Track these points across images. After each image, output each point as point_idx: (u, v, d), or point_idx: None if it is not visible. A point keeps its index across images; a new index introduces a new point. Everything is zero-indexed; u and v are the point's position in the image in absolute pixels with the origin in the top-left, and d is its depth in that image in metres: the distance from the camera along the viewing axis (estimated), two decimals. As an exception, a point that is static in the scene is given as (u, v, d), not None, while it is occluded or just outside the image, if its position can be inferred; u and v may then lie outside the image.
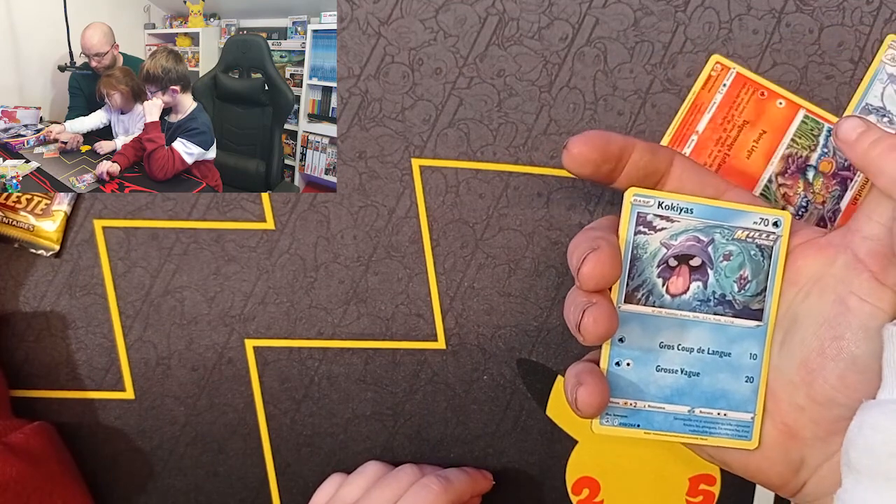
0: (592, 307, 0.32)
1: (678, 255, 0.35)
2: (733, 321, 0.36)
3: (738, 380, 0.36)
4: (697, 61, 0.44)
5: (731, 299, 0.35)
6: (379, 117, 0.44)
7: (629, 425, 0.36)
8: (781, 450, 0.35)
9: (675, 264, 0.35)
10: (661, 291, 0.35)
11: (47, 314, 0.44)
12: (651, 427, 0.36)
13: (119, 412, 0.44)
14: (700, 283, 0.35)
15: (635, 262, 0.35)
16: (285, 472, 0.44)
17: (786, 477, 0.35)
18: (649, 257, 0.35)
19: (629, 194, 0.35)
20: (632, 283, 0.35)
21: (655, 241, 0.35)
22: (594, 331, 0.32)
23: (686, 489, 0.44)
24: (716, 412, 0.36)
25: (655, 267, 0.35)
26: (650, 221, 0.35)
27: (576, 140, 0.34)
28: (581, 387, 0.33)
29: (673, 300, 0.35)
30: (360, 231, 0.44)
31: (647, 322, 0.35)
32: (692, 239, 0.35)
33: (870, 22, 0.44)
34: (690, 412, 0.36)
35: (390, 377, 0.44)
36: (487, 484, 0.43)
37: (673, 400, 0.36)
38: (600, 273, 0.32)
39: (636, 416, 0.36)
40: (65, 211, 0.43)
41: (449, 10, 0.44)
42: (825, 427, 0.34)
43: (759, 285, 0.35)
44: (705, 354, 0.36)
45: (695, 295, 0.35)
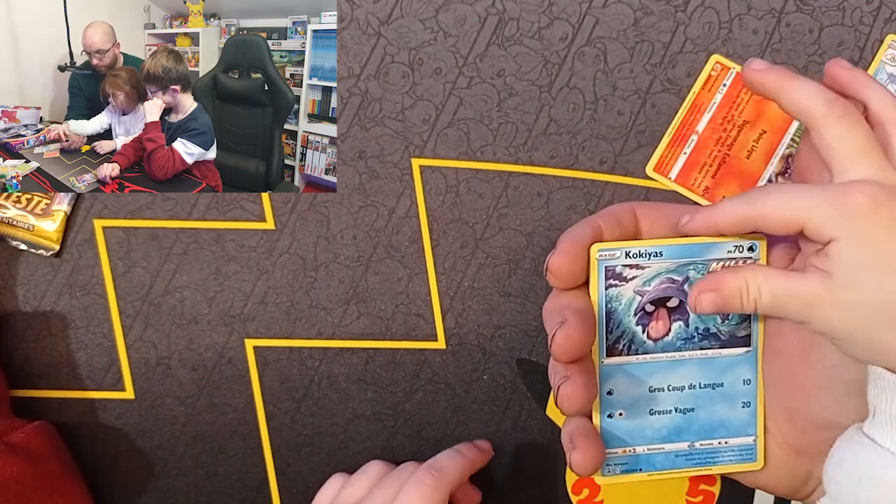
0: (566, 382, 0.32)
1: (654, 300, 0.34)
2: (721, 352, 0.35)
3: (734, 407, 0.35)
4: (697, 61, 0.44)
5: (715, 332, 0.35)
6: (379, 117, 0.44)
7: (631, 471, 0.36)
8: (788, 466, 0.35)
9: (653, 309, 0.34)
10: (643, 339, 0.35)
11: (47, 314, 0.44)
12: (653, 468, 0.36)
13: (119, 412, 0.44)
14: (681, 323, 0.35)
15: (611, 315, 0.34)
16: (285, 472, 0.44)
17: (795, 488, 0.35)
18: (624, 308, 0.34)
19: (594, 251, 0.34)
20: (611, 336, 0.34)
21: (629, 290, 0.34)
22: (570, 405, 0.32)
23: (686, 489, 0.44)
24: (716, 442, 0.36)
25: (633, 316, 0.34)
26: (619, 273, 0.34)
27: (554, 258, 0.33)
28: (574, 451, 0.33)
29: (656, 344, 0.35)
30: (360, 231, 0.44)
31: (633, 371, 0.35)
32: (666, 281, 0.34)
33: (870, 22, 0.44)
34: (690, 447, 0.36)
35: (390, 377, 0.44)
36: (486, 456, 0.42)
37: (671, 439, 0.35)
38: (571, 346, 0.32)
39: (637, 461, 0.35)
40: (65, 211, 0.43)
41: (449, 9, 0.44)
42: (829, 444, 0.33)
43: (743, 314, 0.35)
44: (697, 389, 0.35)
45: (677, 335, 0.35)
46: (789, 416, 0.34)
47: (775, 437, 0.35)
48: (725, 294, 0.31)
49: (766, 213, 0.30)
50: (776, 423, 0.35)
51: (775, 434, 0.35)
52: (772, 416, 0.35)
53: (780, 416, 0.35)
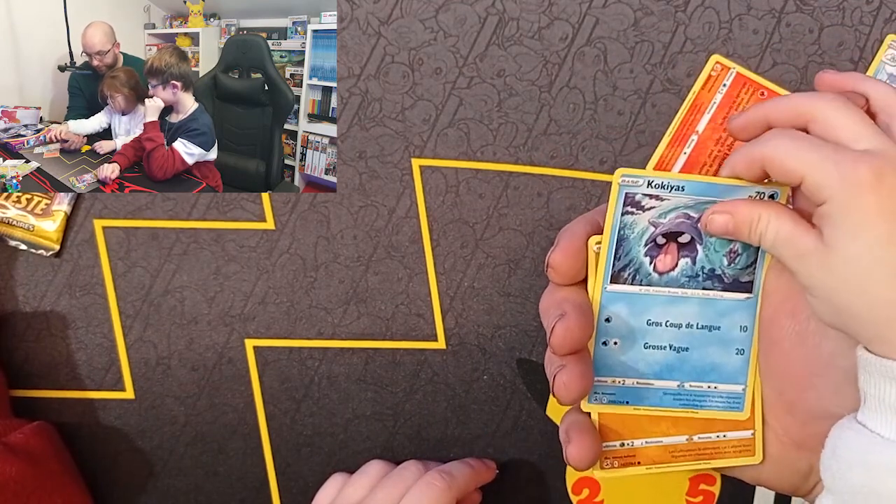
0: (563, 371, 0.32)
1: (666, 233, 0.35)
2: (722, 295, 0.35)
3: (728, 353, 0.35)
4: (697, 61, 0.44)
5: (720, 273, 0.35)
6: (379, 117, 0.44)
7: (618, 402, 0.35)
8: (789, 461, 0.35)
9: (664, 242, 0.35)
10: (648, 270, 0.35)
11: (47, 314, 0.44)
12: (640, 403, 0.36)
13: (119, 412, 0.44)
14: (689, 260, 0.35)
15: (622, 242, 0.34)
16: (285, 472, 0.44)
17: (796, 483, 0.35)
18: (636, 237, 0.34)
19: (617, 175, 0.34)
20: (618, 263, 0.34)
21: (644, 220, 0.34)
22: (567, 394, 0.32)
23: (686, 489, 0.44)
24: (706, 385, 0.36)
25: (643, 246, 0.35)
26: (638, 201, 0.34)
27: (555, 255, 0.34)
28: (570, 444, 0.33)
29: (661, 278, 0.35)
30: (360, 231, 0.44)
31: (634, 301, 0.35)
32: (682, 216, 0.34)
33: (870, 22, 0.44)
34: (680, 386, 0.36)
35: (390, 377, 0.44)
36: (491, 474, 0.43)
37: (662, 376, 0.35)
38: (571, 339, 0.32)
39: (625, 393, 0.35)
40: (65, 211, 0.43)
41: (449, 10, 0.44)
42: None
43: (749, 258, 0.35)
44: (694, 329, 0.35)
45: (683, 271, 0.35)
46: (788, 408, 0.34)
47: (775, 431, 0.35)
48: (738, 220, 0.32)
49: (773, 156, 0.30)
50: (776, 415, 0.35)
51: (775, 427, 0.35)
52: (771, 408, 0.35)
53: (780, 409, 0.35)
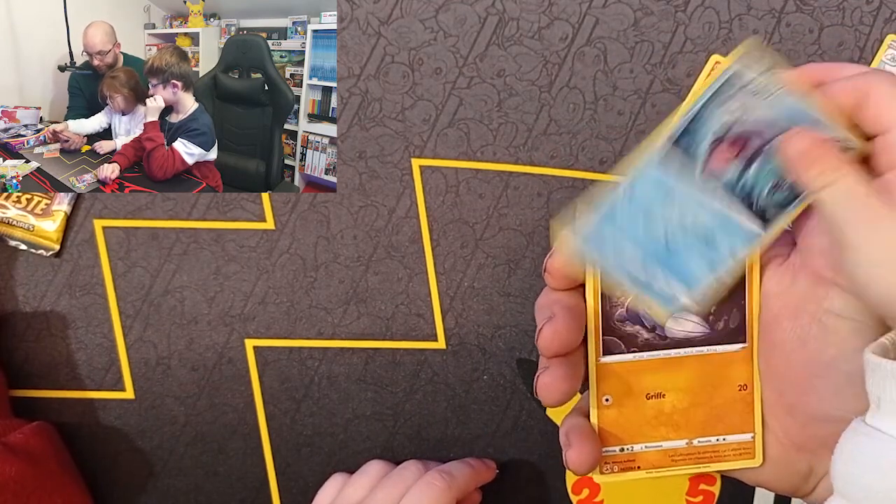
0: (545, 372, 0.32)
1: (740, 134, 0.33)
2: (740, 217, 0.34)
3: (702, 265, 0.34)
4: (697, 61, 0.44)
5: (755, 199, 0.34)
6: (379, 117, 0.44)
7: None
8: (788, 462, 0.35)
9: (734, 139, 0.33)
10: (699, 159, 0.33)
11: (47, 314, 0.44)
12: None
13: (119, 412, 0.44)
14: (739, 168, 0.33)
15: (702, 113, 0.33)
16: (285, 472, 0.44)
17: (796, 485, 0.35)
18: (717, 117, 0.33)
19: (740, 48, 0.32)
20: (685, 137, 0.33)
21: (738, 108, 0.33)
22: (546, 395, 0.32)
23: (686, 489, 0.44)
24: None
25: (711, 133, 0.33)
26: (746, 83, 0.32)
27: (552, 260, 0.33)
28: (570, 448, 0.33)
29: (705, 172, 0.34)
30: (360, 231, 0.44)
31: (664, 180, 0.34)
32: (764, 124, 0.33)
33: (870, 22, 0.44)
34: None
35: (390, 377, 0.44)
36: (490, 474, 0.43)
37: (646, 262, 0.34)
38: (558, 341, 0.32)
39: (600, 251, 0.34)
40: (65, 211, 0.43)
41: (449, 9, 0.44)
42: (832, 438, 0.33)
43: (788, 198, 0.33)
44: (690, 228, 0.34)
45: (727, 177, 0.34)
46: (789, 410, 0.34)
47: (775, 433, 0.35)
48: (815, 157, 0.30)
49: (879, 93, 0.29)
50: (776, 417, 0.35)
51: (775, 429, 0.35)
52: (771, 410, 0.35)
53: (780, 411, 0.35)
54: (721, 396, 0.35)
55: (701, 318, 0.35)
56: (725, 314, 0.35)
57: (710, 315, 0.35)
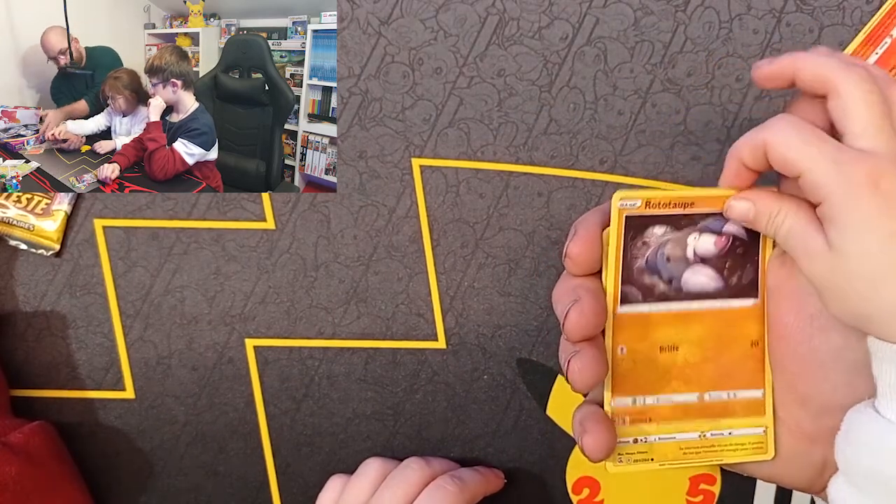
0: (576, 356, 0.32)
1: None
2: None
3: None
4: (697, 61, 0.44)
5: None
6: (379, 117, 0.44)
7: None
8: (802, 455, 0.35)
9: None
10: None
11: (47, 314, 0.44)
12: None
13: (119, 412, 0.44)
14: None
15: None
16: (285, 471, 0.44)
17: (811, 479, 0.35)
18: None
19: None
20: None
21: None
22: (580, 379, 0.32)
23: (686, 489, 0.44)
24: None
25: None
26: None
27: (573, 245, 0.33)
28: (586, 434, 0.33)
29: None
30: (361, 231, 0.44)
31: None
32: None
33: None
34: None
35: (390, 377, 0.44)
36: (499, 483, 0.43)
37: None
38: (585, 323, 0.32)
39: None
40: (65, 211, 0.43)
41: (449, 9, 0.44)
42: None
43: None
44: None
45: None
46: (801, 402, 0.34)
47: (788, 426, 0.35)
48: (759, 208, 0.32)
49: (775, 143, 0.30)
50: (788, 409, 0.35)
51: (788, 422, 0.35)
52: (783, 402, 0.35)
53: (792, 403, 0.35)
54: (733, 352, 0.35)
55: (716, 272, 0.35)
56: (740, 269, 0.35)
57: (724, 269, 0.35)
